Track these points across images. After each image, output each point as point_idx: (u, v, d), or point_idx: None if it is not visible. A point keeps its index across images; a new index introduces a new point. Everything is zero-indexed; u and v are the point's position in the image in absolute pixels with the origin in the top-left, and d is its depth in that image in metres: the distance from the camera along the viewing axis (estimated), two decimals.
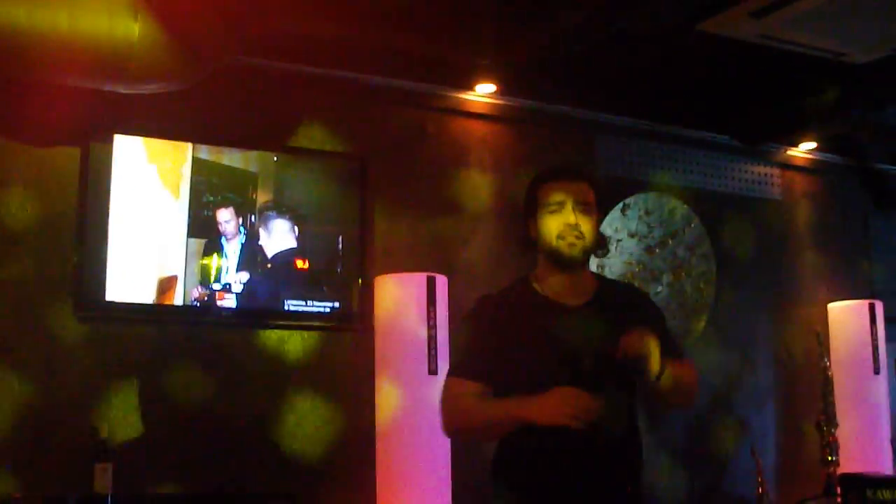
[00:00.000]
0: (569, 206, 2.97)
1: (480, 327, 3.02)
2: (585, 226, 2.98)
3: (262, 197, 4.81)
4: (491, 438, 3.05)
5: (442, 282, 4.76)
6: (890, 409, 6.22)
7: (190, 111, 4.62)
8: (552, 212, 3.00)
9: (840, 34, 4.70)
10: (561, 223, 2.97)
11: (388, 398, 4.63)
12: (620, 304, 3.08)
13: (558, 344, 2.89)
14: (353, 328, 4.94)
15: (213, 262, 4.65)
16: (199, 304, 4.61)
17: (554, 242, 2.98)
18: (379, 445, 4.66)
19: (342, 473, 4.82)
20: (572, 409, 2.73)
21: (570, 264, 3.00)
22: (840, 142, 6.57)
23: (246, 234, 4.74)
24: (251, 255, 4.74)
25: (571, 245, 2.97)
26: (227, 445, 4.58)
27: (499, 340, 2.95)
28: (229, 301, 4.67)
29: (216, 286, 4.64)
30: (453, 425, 3.07)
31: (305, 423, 4.80)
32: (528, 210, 3.10)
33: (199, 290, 4.61)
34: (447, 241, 5.32)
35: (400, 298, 4.70)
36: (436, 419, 4.45)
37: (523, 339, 2.94)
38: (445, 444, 4.62)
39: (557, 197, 2.99)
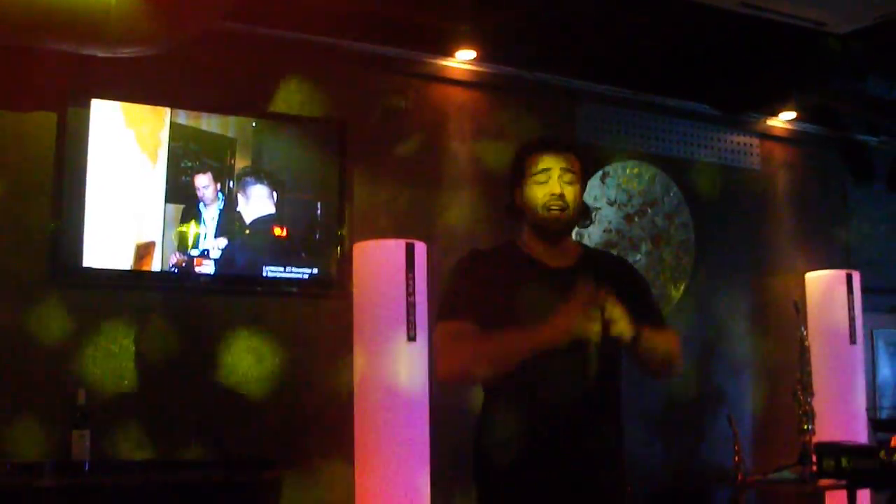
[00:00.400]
0: (555, 176, 3.00)
1: (470, 277, 3.03)
2: (570, 196, 3.01)
3: (241, 163, 4.78)
4: (490, 376, 2.97)
5: (421, 249, 4.75)
6: (865, 379, 6.27)
7: (168, 76, 4.58)
8: (539, 181, 3.02)
9: (821, 3, 4.68)
10: (547, 192, 3.00)
11: (367, 365, 4.63)
12: (604, 270, 3.10)
13: (540, 301, 2.90)
14: (331, 295, 4.93)
15: (191, 228, 4.62)
16: (177, 270, 4.59)
17: (540, 212, 3.01)
18: (357, 412, 4.67)
19: (320, 440, 4.83)
20: (582, 323, 2.76)
21: (555, 235, 3.04)
22: (819, 112, 6.59)
23: (224, 200, 4.72)
24: (229, 221, 4.72)
25: (556, 216, 2.99)
26: (206, 412, 4.58)
27: (486, 291, 2.96)
28: (207, 267, 4.65)
29: (194, 252, 4.63)
30: (455, 366, 2.97)
31: (284, 389, 4.80)
32: (514, 179, 3.11)
33: (177, 256, 4.59)
34: (426, 208, 5.31)
35: (379, 265, 4.69)
36: (415, 385, 4.57)
37: (508, 294, 2.95)
38: (424, 410, 4.64)
39: (544, 166, 3.02)
